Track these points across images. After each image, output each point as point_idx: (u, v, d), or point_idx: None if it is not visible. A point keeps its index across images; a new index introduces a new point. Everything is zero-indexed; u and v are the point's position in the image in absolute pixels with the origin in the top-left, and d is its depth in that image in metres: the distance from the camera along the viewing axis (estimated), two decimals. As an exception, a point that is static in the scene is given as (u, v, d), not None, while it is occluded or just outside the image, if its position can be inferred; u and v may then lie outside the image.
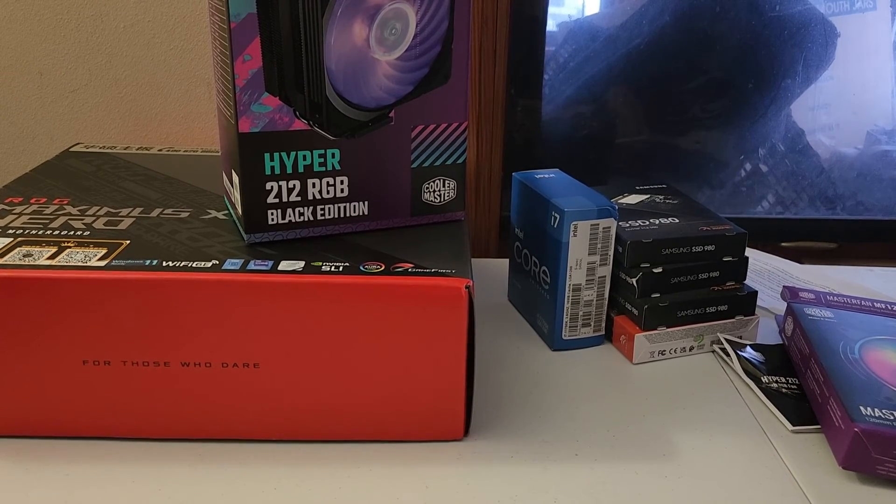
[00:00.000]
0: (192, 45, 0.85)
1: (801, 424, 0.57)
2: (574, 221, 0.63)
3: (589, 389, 0.61)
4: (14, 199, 0.61)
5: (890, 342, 0.61)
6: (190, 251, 0.53)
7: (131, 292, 0.49)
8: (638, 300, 0.65)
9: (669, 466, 0.53)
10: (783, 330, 0.68)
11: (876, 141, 1.05)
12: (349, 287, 0.50)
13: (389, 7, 0.53)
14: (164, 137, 0.89)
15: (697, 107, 1.01)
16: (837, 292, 0.72)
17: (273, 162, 0.54)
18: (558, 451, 0.54)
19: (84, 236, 0.54)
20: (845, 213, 1.06)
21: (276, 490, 0.49)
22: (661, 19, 0.97)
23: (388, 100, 0.55)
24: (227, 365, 0.51)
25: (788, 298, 0.68)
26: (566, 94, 1.00)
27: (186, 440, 0.53)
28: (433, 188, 0.59)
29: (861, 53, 1.01)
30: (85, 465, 0.51)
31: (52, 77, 0.85)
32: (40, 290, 0.49)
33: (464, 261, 0.53)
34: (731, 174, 1.05)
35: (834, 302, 0.68)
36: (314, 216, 0.56)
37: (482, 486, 0.50)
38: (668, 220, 0.69)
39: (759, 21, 0.97)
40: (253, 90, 0.51)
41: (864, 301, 0.69)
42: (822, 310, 0.65)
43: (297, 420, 0.53)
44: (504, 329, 0.71)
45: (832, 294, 0.69)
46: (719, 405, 0.60)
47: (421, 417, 0.53)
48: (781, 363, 0.65)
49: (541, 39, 0.96)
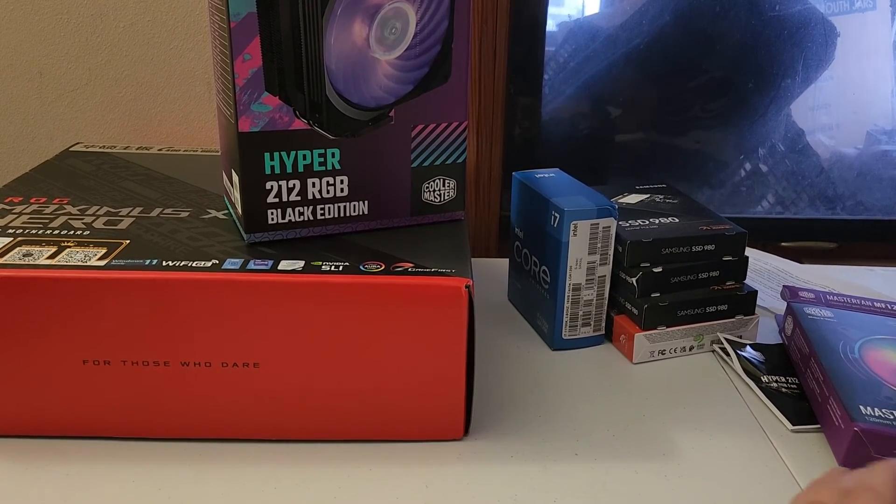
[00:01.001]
0: (192, 44, 0.85)
1: (800, 424, 0.57)
2: (574, 221, 0.63)
3: (589, 389, 0.61)
4: (14, 198, 0.61)
5: (890, 342, 0.61)
6: (190, 251, 0.53)
7: (131, 292, 0.49)
8: (638, 300, 0.65)
9: (669, 466, 0.53)
10: (783, 330, 0.68)
11: (876, 141, 1.05)
12: (349, 287, 0.50)
13: (389, 6, 0.53)
14: (163, 137, 0.89)
15: (697, 107, 1.01)
16: (837, 292, 0.72)
17: (273, 161, 0.54)
18: (558, 451, 0.54)
19: (84, 236, 0.54)
20: (845, 213, 1.06)
21: (276, 490, 0.49)
22: (661, 19, 0.97)
23: (387, 99, 0.55)
24: (226, 364, 0.51)
25: (788, 298, 0.68)
26: (566, 94, 1.00)
27: (186, 440, 0.53)
28: (433, 188, 0.59)
29: (861, 53, 1.01)
30: (85, 465, 0.51)
31: (51, 77, 0.85)
32: (40, 289, 0.49)
33: (464, 260, 0.53)
34: (730, 174, 1.05)
35: (834, 302, 0.68)
36: (314, 216, 0.56)
37: (482, 486, 0.50)
38: (668, 220, 0.69)
39: (759, 21, 0.97)
40: (253, 90, 0.51)
41: (864, 301, 0.69)
42: (822, 309, 0.66)
43: (297, 420, 0.53)
44: (504, 329, 0.71)
45: (832, 294, 0.69)
46: (719, 405, 0.60)
47: (421, 417, 0.53)
48: (781, 363, 0.65)
49: (541, 39, 0.96)
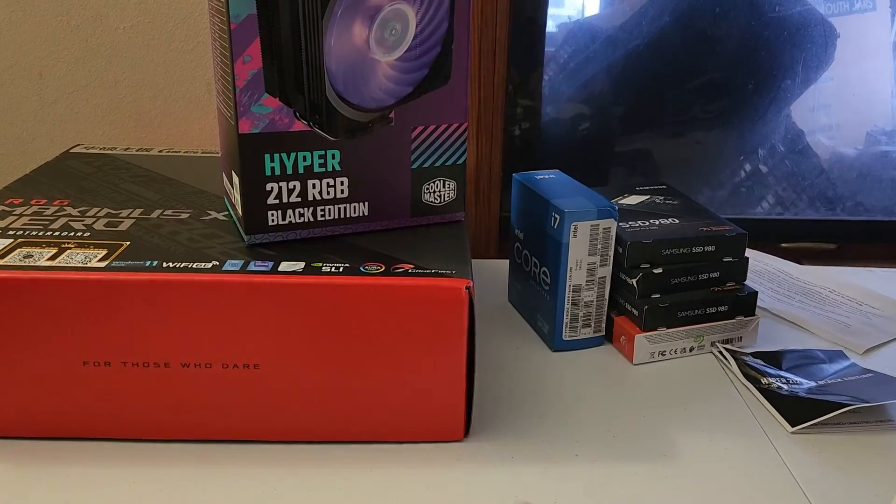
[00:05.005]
0: (192, 46, 0.85)
1: (800, 425, 0.57)
2: (574, 222, 0.63)
3: (589, 390, 0.61)
4: (14, 200, 0.61)
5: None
6: (190, 252, 0.53)
7: (131, 293, 0.49)
8: (638, 301, 0.65)
9: (669, 466, 0.53)
10: None
11: (876, 141, 1.05)
12: (349, 288, 0.50)
13: (389, 8, 0.53)
14: (164, 138, 0.89)
15: (697, 107, 1.01)
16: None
17: (273, 163, 0.54)
18: (558, 452, 0.54)
19: (84, 237, 0.54)
20: (845, 214, 1.06)
21: (276, 491, 0.49)
22: (660, 20, 0.97)
23: (388, 101, 0.55)
24: (227, 366, 0.51)
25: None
26: (566, 95, 1.00)
27: (187, 441, 0.53)
28: (433, 189, 0.59)
29: (861, 54, 1.01)
30: (85, 467, 0.51)
31: (51, 78, 0.85)
32: (40, 291, 0.49)
33: (464, 261, 0.53)
34: (731, 175, 1.05)
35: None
36: (314, 217, 0.56)
37: (482, 487, 0.50)
38: (668, 221, 0.69)
39: (759, 22, 0.97)
40: (253, 91, 0.51)
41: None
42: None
43: (297, 421, 0.53)
44: (504, 330, 0.71)
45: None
46: (719, 405, 0.60)
47: (421, 418, 0.53)
48: (781, 366, 0.65)
49: (540, 40, 0.96)
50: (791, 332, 0.72)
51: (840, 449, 0.55)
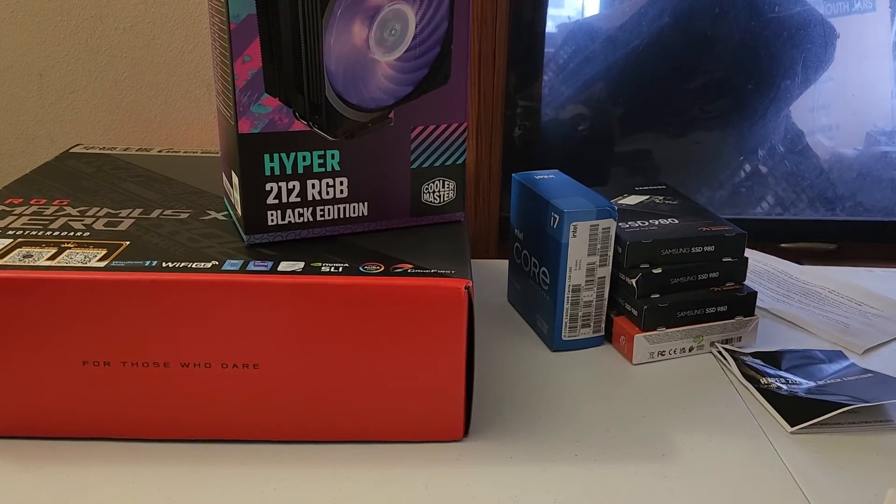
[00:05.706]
0: (192, 45, 0.85)
1: (799, 424, 0.57)
2: (574, 222, 0.63)
3: (589, 390, 0.61)
4: (14, 199, 0.62)
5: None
6: (189, 252, 0.53)
7: (131, 293, 0.49)
8: (637, 301, 0.65)
9: (669, 466, 0.53)
10: None
11: (875, 142, 1.05)
12: (349, 288, 0.50)
13: (389, 8, 0.53)
14: (163, 138, 0.89)
15: (697, 107, 1.01)
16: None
17: (273, 163, 0.54)
18: (558, 452, 0.54)
19: (84, 237, 0.54)
20: (845, 214, 1.07)
21: (276, 490, 0.49)
22: (660, 20, 0.97)
23: (387, 101, 0.55)
24: (226, 366, 0.51)
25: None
26: (566, 95, 1.00)
27: (186, 441, 0.53)
28: (433, 189, 0.59)
29: (860, 54, 1.01)
30: (85, 466, 0.51)
31: (51, 78, 0.85)
32: (40, 290, 0.49)
33: (463, 261, 0.53)
34: (730, 175, 1.05)
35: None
36: (314, 217, 0.56)
37: (482, 486, 0.50)
38: (668, 221, 0.69)
39: (759, 22, 0.97)
40: (253, 91, 0.52)
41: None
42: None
43: (297, 420, 0.53)
44: (504, 329, 0.71)
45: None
46: (719, 405, 0.60)
47: (421, 418, 0.53)
48: (781, 366, 0.65)
49: (540, 40, 0.96)
50: (790, 332, 0.72)
51: (839, 449, 0.55)
